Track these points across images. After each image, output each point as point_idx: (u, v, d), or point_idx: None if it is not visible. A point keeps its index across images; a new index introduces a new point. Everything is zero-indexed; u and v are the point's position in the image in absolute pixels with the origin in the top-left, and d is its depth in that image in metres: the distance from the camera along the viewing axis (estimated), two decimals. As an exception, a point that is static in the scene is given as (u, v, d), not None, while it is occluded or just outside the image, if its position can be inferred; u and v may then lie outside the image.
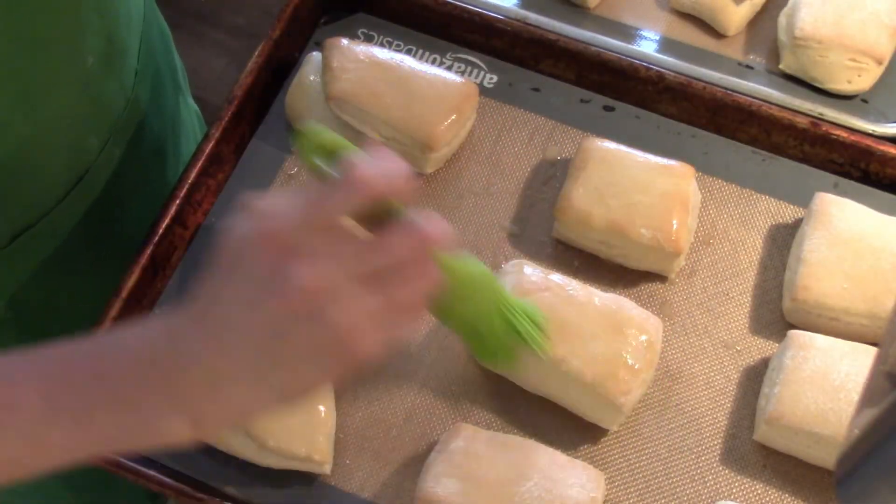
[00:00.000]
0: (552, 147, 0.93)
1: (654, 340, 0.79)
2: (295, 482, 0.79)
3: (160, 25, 1.00)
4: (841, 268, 0.81)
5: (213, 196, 0.91)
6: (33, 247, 0.83)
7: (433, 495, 0.73)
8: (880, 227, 0.84)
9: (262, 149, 0.93)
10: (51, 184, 0.81)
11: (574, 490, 0.74)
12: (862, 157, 0.90)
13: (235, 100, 0.91)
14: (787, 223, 0.89)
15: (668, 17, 1.02)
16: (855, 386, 0.76)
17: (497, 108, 0.95)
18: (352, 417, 0.81)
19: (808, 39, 0.93)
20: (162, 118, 0.97)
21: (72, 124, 0.79)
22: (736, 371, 0.83)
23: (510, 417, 0.82)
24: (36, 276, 0.85)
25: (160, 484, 0.77)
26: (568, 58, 0.95)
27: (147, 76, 0.91)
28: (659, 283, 0.87)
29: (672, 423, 0.81)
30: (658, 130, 0.93)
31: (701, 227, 0.89)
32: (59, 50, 0.73)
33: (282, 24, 0.95)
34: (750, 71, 0.98)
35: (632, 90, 0.94)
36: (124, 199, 0.91)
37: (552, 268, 0.86)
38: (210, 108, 1.08)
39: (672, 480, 0.79)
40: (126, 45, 0.85)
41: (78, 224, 0.85)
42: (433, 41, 0.98)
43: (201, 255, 0.88)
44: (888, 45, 0.94)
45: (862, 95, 0.96)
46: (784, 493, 0.79)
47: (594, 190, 0.85)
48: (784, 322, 0.85)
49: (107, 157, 0.85)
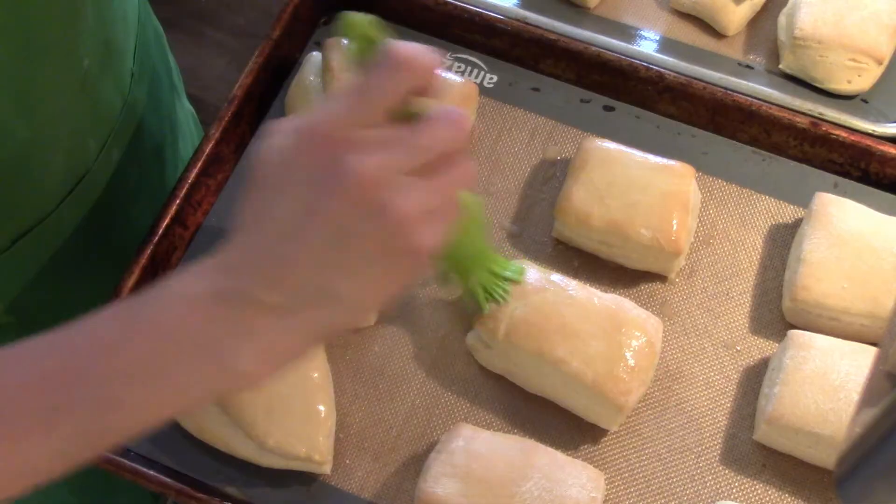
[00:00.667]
0: (552, 147, 0.93)
1: (654, 341, 0.79)
2: (295, 482, 0.79)
3: (154, 26, 1.00)
4: (841, 268, 0.82)
5: (213, 196, 0.91)
6: (34, 250, 0.82)
7: (433, 495, 0.73)
8: (880, 227, 0.84)
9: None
10: (50, 186, 0.81)
11: (574, 490, 0.74)
12: (862, 157, 0.90)
13: (235, 100, 0.91)
14: (787, 223, 0.89)
15: (668, 17, 1.02)
16: (855, 386, 0.76)
17: (497, 108, 0.95)
18: (352, 417, 0.81)
19: (808, 39, 0.93)
20: (159, 119, 0.97)
21: (70, 127, 0.79)
22: (736, 371, 0.83)
23: (510, 417, 0.82)
24: (36, 279, 0.84)
25: (160, 484, 0.77)
26: (568, 58, 0.95)
27: (143, 77, 0.91)
28: (659, 283, 0.87)
29: (672, 423, 0.81)
30: (658, 130, 0.93)
31: (701, 227, 0.89)
32: (56, 52, 0.73)
33: (282, 24, 0.95)
34: (750, 71, 0.98)
35: (632, 90, 0.94)
36: (124, 201, 0.91)
37: (552, 268, 0.86)
38: (210, 108, 1.09)
39: (672, 480, 0.79)
40: (122, 47, 0.85)
41: (78, 226, 0.85)
42: (433, 41, 0.98)
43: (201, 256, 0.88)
44: (888, 45, 0.94)
45: (862, 95, 0.96)
46: (784, 493, 0.79)
47: (594, 190, 0.85)
48: (784, 322, 0.85)
49: (105, 159, 0.85)
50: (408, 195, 0.51)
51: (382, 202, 0.50)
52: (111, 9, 0.81)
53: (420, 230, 0.51)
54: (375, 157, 0.50)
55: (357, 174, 0.50)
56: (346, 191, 0.50)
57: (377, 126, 0.52)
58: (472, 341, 0.82)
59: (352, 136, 0.51)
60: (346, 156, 0.50)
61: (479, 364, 0.83)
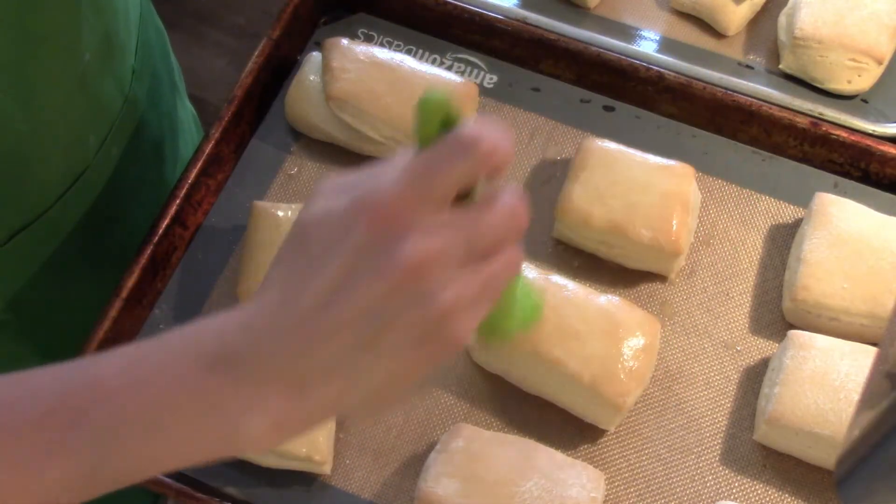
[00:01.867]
0: (552, 147, 0.93)
1: (652, 341, 0.79)
2: (295, 482, 0.79)
3: (157, 26, 1.00)
4: (841, 268, 0.81)
5: (213, 196, 0.91)
6: (31, 247, 0.83)
7: (433, 495, 0.73)
8: (880, 227, 0.84)
9: (262, 149, 0.93)
10: (48, 182, 0.81)
11: (574, 490, 0.74)
12: (862, 157, 0.90)
13: (235, 100, 0.91)
14: (787, 223, 0.89)
15: (668, 17, 1.02)
16: (855, 386, 0.76)
17: (497, 108, 0.95)
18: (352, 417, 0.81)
19: (808, 39, 0.93)
20: (160, 118, 0.97)
21: (69, 122, 0.79)
22: (736, 371, 0.83)
23: (510, 417, 0.82)
24: (35, 277, 0.84)
25: (160, 484, 0.77)
26: (568, 58, 0.95)
27: (144, 75, 0.91)
28: (659, 283, 0.87)
29: (672, 423, 0.81)
30: (658, 130, 0.93)
31: (701, 227, 0.89)
32: (56, 45, 0.73)
33: (282, 24, 0.95)
34: (750, 71, 0.98)
35: (632, 90, 0.94)
36: (123, 200, 0.91)
37: (552, 268, 0.86)
38: (210, 108, 1.09)
39: (672, 480, 0.79)
40: (123, 43, 0.85)
41: (76, 224, 0.85)
42: (433, 41, 0.98)
43: (201, 255, 0.88)
44: (888, 45, 0.94)
45: (862, 95, 0.96)
46: (784, 493, 0.79)
47: (594, 190, 0.85)
48: (784, 322, 0.85)
49: (105, 157, 0.85)
50: (455, 287, 0.49)
51: (429, 292, 0.48)
52: (113, 7, 0.81)
53: (460, 322, 0.49)
54: (432, 244, 0.48)
55: (409, 259, 0.47)
56: (394, 273, 0.47)
57: (437, 206, 0.49)
58: (470, 341, 0.82)
59: (411, 217, 0.48)
60: (402, 237, 0.47)
61: (478, 364, 0.83)
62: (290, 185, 0.91)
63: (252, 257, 0.83)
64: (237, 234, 0.88)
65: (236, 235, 0.88)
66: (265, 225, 0.83)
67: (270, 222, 0.83)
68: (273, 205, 0.85)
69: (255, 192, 0.90)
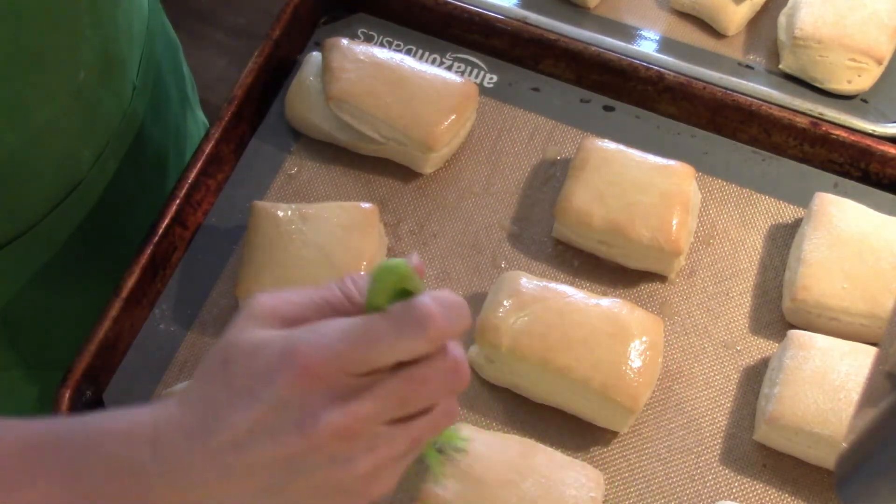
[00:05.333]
0: (552, 147, 0.93)
1: (657, 340, 0.79)
2: (295, 482, 0.79)
3: (169, 39, 0.98)
4: (841, 268, 0.82)
5: (213, 196, 0.91)
6: (24, 257, 0.82)
7: (433, 495, 0.73)
8: (880, 227, 0.84)
9: (262, 149, 0.93)
10: (40, 194, 0.80)
11: (573, 490, 0.74)
12: (862, 157, 0.90)
13: (235, 100, 0.91)
14: (787, 223, 0.89)
15: (668, 17, 1.02)
16: (855, 386, 0.76)
17: (497, 108, 0.95)
18: (352, 417, 0.81)
19: (808, 39, 0.93)
20: (164, 131, 0.96)
21: (63, 136, 0.78)
22: (736, 371, 0.83)
23: (510, 418, 0.81)
24: (28, 286, 0.84)
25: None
26: (568, 58, 0.95)
27: (147, 89, 0.90)
28: (659, 283, 0.87)
29: (672, 423, 0.81)
30: (658, 130, 0.93)
31: (701, 227, 0.89)
32: (52, 62, 0.73)
33: (282, 24, 0.95)
34: (750, 71, 0.98)
35: (632, 90, 0.94)
36: (121, 211, 0.90)
37: (552, 268, 0.86)
38: (210, 108, 1.08)
39: (672, 480, 0.79)
40: (124, 59, 0.84)
41: (72, 234, 0.84)
42: (433, 41, 0.98)
43: (201, 255, 0.88)
44: (888, 45, 0.94)
45: (862, 95, 0.96)
46: (784, 493, 0.79)
47: (594, 190, 0.85)
48: (784, 322, 0.85)
49: (101, 169, 0.85)
50: (379, 451, 0.49)
51: (351, 457, 0.48)
52: (115, 24, 0.80)
53: (378, 481, 0.50)
54: (359, 410, 0.47)
55: (333, 423, 0.47)
56: (317, 434, 0.47)
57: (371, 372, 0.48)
58: (474, 357, 0.82)
59: (339, 382, 0.47)
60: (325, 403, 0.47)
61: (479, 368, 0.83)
62: (290, 184, 0.91)
63: (252, 257, 0.83)
64: (237, 233, 0.88)
65: (236, 235, 0.88)
66: (265, 225, 0.83)
67: (270, 222, 0.83)
68: (273, 205, 0.84)
69: (255, 191, 0.90)
